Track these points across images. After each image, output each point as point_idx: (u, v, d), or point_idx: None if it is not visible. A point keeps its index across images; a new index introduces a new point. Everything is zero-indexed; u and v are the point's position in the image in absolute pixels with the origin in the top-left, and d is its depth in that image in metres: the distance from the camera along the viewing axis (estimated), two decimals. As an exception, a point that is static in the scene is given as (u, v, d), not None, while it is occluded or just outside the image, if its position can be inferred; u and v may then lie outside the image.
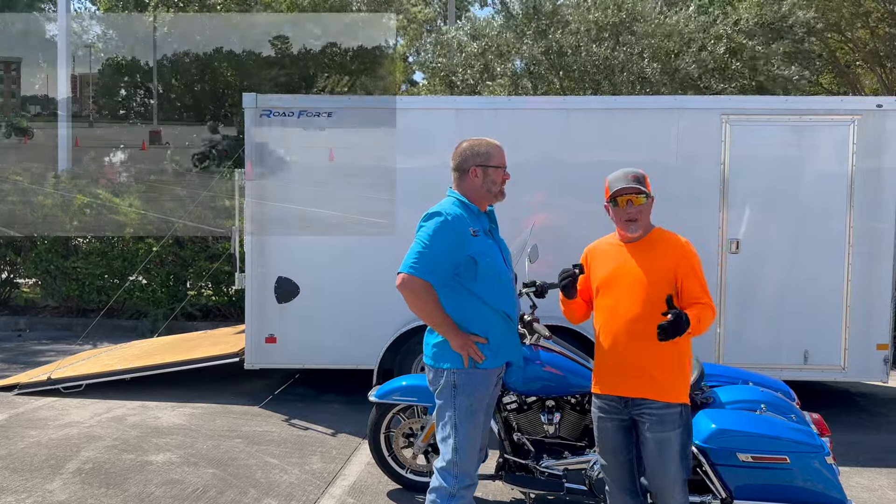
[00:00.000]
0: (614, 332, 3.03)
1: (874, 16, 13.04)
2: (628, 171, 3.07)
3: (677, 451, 2.98)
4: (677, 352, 2.98)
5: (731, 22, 11.18)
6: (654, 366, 2.96)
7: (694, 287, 2.98)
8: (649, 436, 2.98)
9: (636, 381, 2.99)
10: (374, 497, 4.30)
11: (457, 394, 3.05)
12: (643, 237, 3.08)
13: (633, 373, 2.99)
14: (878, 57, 13.70)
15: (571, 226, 5.80)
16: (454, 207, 3.09)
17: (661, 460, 2.98)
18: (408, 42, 22.80)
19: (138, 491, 4.30)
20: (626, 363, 3.00)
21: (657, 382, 2.96)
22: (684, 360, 3.03)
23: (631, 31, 11.08)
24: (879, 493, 4.49)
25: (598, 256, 3.21)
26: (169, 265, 9.94)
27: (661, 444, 2.97)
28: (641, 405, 2.98)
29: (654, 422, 2.96)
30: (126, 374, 6.54)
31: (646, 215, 3.06)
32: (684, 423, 3.01)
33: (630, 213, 3.03)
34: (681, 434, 2.99)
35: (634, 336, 2.97)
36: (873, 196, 5.72)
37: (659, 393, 2.96)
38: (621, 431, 3.08)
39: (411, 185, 5.81)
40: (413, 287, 3.00)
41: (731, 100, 6.32)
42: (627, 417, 3.05)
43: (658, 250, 3.03)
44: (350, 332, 5.93)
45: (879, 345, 5.76)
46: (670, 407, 2.96)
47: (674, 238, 3.08)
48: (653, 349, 2.94)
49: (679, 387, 3.00)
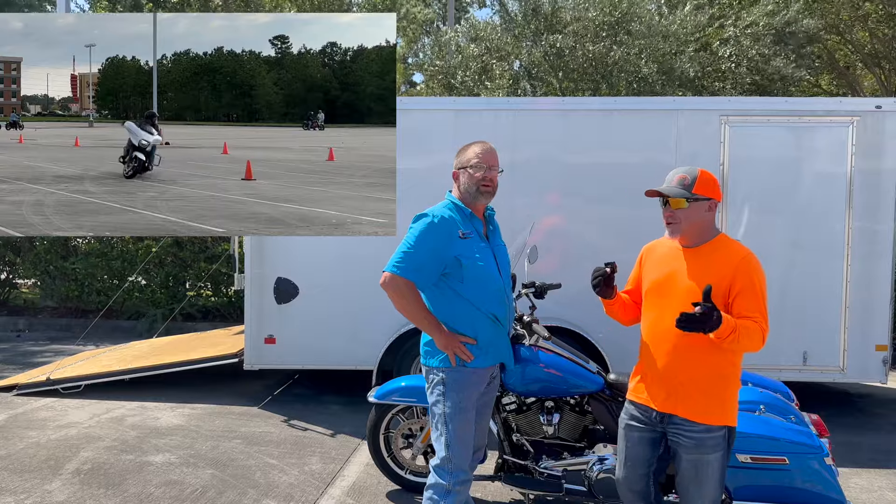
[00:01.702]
0: (658, 342, 2.84)
1: (873, 17, 13.06)
2: (679, 172, 2.87)
3: (716, 476, 2.78)
4: (724, 370, 2.75)
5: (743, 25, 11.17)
6: (697, 384, 2.74)
7: (748, 304, 2.67)
8: (685, 457, 2.78)
9: (675, 399, 2.78)
10: (374, 498, 4.30)
11: (446, 391, 3.10)
12: (703, 243, 2.82)
13: (673, 388, 2.79)
14: (877, 58, 13.72)
15: (571, 226, 5.81)
16: (444, 210, 3.14)
17: (698, 483, 2.78)
18: (406, 43, 22.80)
19: (137, 491, 4.30)
20: (667, 377, 2.80)
21: (698, 403, 2.74)
22: (731, 378, 2.78)
23: (627, 30, 11.09)
24: (878, 493, 4.49)
25: (653, 257, 2.99)
26: (168, 266, 9.95)
27: (698, 468, 2.77)
28: (679, 425, 2.78)
29: (692, 445, 2.76)
30: (125, 375, 6.54)
31: (691, 220, 2.80)
32: (726, 445, 2.79)
33: (667, 216, 2.83)
34: (721, 458, 2.77)
35: (679, 349, 2.76)
36: (872, 197, 5.73)
37: (699, 414, 2.74)
38: (648, 444, 2.91)
39: (411, 185, 5.81)
40: (396, 286, 3.05)
41: (731, 101, 6.31)
42: (660, 432, 2.87)
43: (717, 260, 2.76)
44: (349, 332, 5.94)
45: (878, 346, 5.76)
46: (711, 430, 2.73)
47: (737, 248, 2.78)
48: (698, 366, 2.74)
49: (722, 409, 2.75)
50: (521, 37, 11.88)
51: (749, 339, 2.62)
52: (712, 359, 2.73)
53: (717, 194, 2.84)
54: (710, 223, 2.84)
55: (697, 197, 2.79)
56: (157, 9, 12.61)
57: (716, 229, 2.88)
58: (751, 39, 11.04)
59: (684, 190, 2.80)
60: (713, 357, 2.73)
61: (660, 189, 2.84)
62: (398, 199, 5.84)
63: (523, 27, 11.78)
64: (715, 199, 2.83)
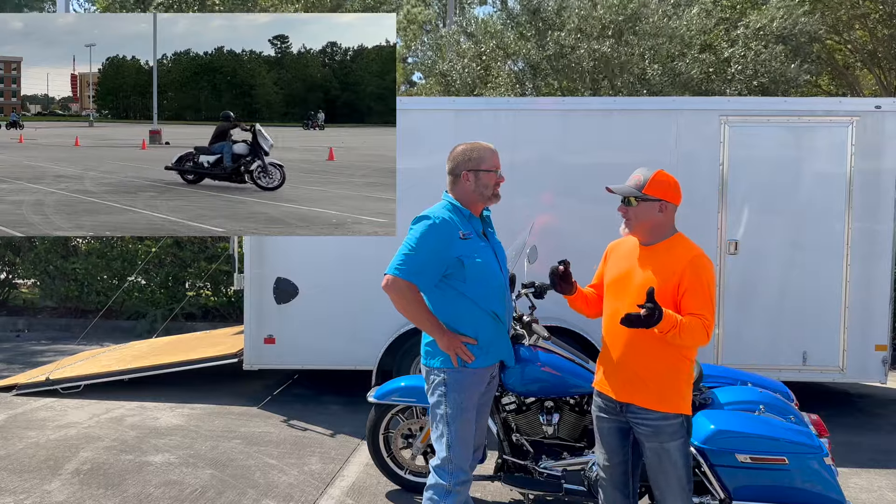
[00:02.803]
0: (615, 336, 2.96)
1: (873, 17, 13.05)
2: (637, 171, 3.00)
3: (678, 461, 2.89)
4: (677, 360, 2.87)
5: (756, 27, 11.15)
6: (650, 374, 2.87)
7: (695, 301, 2.78)
8: (648, 446, 2.91)
9: (631, 388, 2.92)
10: (373, 498, 4.30)
11: (447, 392, 3.10)
12: (658, 242, 2.95)
13: (628, 378, 2.92)
14: (876, 58, 13.72)
15: (571, 226, 5.81)
16: (444, 211, 3.13)
17: (662, 469, 2.91)
18: (406, 43, 22.82)
19: (137, 492, 4.30)
20: (623, 368, 2.94)
21: (653, 391, 2.87)
22: (683, 369, 2.90)
23: (633, 31, 11.08)
24: (878, 493, 4.50)
25: (615, 254, 3.14)
26: (168, 266, 9.94)
27: (659, 455, 2.90)
28: (637, 413, 2.91)
29: (650, 433, 2.88)
30: (125, 375, 6.54)
31: (640, 218, 2.93)
32: (685, 433, 2.91)
33: (621, 212, 3.00)
34: (681, 445, 2.89)
35: (633, 342, 2.89)
36: (872, 197, 5.73)
37: (655, 402, 2.87)
38: (617, 433, 3.03)
39: (411, 185, 5.81)
40: (398, 288, 3.05)
41: (730, 101, 6.31)
42: (624, 420, 2.99)
43: (670, 257, 2.88)
44: (349, 332, 5.94)
45: (878, 346, 5.76)
46: (668, 418, 2.86)
47: (688, 248, 2.91)
48: (651, 358, 2.86)
49: (677, 396, 2.88)
50: (522, 36, 11.87)
51: (691, 335, 2.73)
52: (665, 351, 2.85)
53: (670, 196, 2.95)
54: (661, 223, 2.95)
55: (646, 197, 2.92)
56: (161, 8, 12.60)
57: (673, 229, 2.99)
58: (761, 42, 11.00)
59: (635, 189, 2.94)
60: (666, 349, 2.85)
61: (612, 188, 3.01)
62: (398, 199, 5.84)
63: (524, 26, 11.77)
64: (667, 200, 2.94)
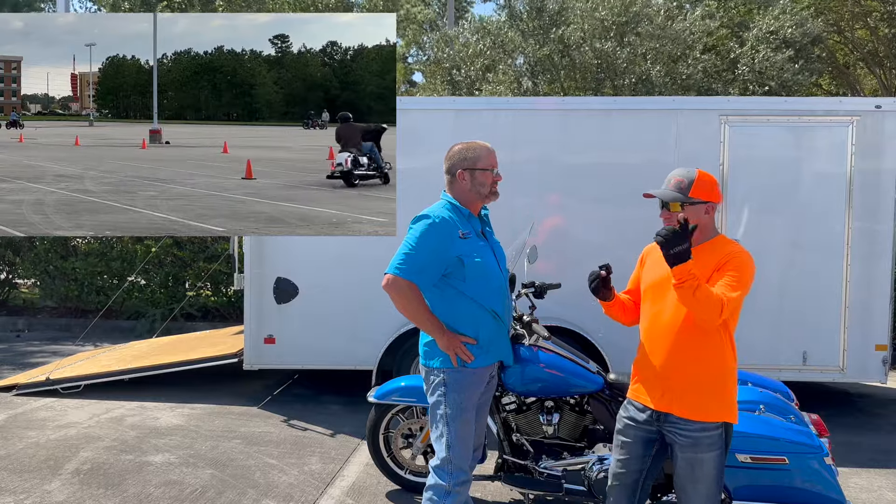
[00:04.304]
0: (654, 342, 2.83)
1: (874, 16, 13.05)
2: (676, 174, 2.83)
3: (711, 472, 2.74)
4: (719, 369, 2.74)
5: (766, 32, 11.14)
6: (691, 382, 2.73)
7: (724, 280, 2.64)
8: (681, 455, 2.77)
9: (671, 396, 2.77)
10: (373, 498, 4.30)
11: (447, 392, 3.10)
12: (700, 244, 2.78)
13: (669, 387, 2.77)
14: (877, 58, 13.72)
15: (571, 226, 5.81)
16: (444, 210, 3.13)
17: (694, 481, 2.76)
18: (406, 43, 22.81)
19: (137, 492, 4.30)
20: (663, 376, 2.78)
21: (693, 401, 2.72)
22: (727, 377, 2.76)
23: (636, 32, 11.08)
24: (878, 493, 4.49)
25: (652, 259, 2.97)
26: (168, 266, 9.94)
27: (693, 466, 2.75)
28: (675, 423, 2.76)
29: (687, 444, 2.74)
30: (125, 375, 6.54)
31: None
32: (722, 445, 2.76)
33: (665, 219, 2.81)
34: (717, 457, 2.75)
35: (676, 348, 2.75)
36: (872, 197, 5.72)
37: (694, 412, 2.72)
38: (643, 443, 2.88)
39: (411, 184, 5.81)
40: (398, 287, 3.04)
41: (730, 101, 6.31)
42: (655, 430, 2.84)
43: (713, 256, 2.74)
44: (349, 332, 5.94)
45: (878, 346, 5.76)
46: (707, 429, 2.72)
47: (733, 245, 2.78)
48: (693, 364, 2.73)
49: (719, 405, 2.73)
50: (526, 33, 11.86)
51: (706, 301, 2.56)
52: (707, 357, 2.73)
53: (714, 196, 2.81)
54: (707, 224, 2.81)
55: (693, 200, 2.77)
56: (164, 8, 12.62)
57: (714, 230, 2.86)
58: (770, 46, 10.99)
59: (680, 193, 2.78)
60: (708, 355, 2.73)
61: (655, 193, 2.84)
62: (398, 198, 5.83)
63: (528, 23, 11.77)
64: (713, 201, 2.81)
